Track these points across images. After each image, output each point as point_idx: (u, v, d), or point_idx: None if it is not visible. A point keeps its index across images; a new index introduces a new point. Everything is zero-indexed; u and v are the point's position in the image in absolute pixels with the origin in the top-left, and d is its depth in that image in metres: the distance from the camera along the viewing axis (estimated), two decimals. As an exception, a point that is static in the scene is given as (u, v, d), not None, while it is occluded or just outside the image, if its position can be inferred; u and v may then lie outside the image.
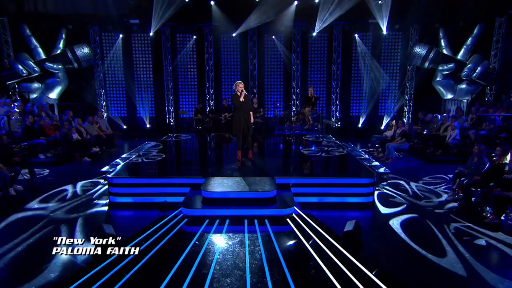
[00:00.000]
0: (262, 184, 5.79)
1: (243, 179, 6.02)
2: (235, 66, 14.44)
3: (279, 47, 14.31)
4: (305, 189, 6.18)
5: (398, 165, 9.03)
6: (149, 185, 6.18)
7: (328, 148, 8.97)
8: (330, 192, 6.18)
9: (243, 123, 6.89)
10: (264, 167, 7.08)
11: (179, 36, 14.19)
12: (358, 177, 6.25)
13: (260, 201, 5.47)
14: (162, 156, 8.15)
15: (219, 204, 5.44)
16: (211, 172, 6.60)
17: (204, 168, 7.24)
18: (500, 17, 12.04)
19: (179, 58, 14.24)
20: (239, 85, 6.79)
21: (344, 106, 14.81)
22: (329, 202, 6.16)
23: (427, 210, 5.95)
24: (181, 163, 7.66)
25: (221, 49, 14.30)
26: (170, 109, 14.47)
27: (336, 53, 14.36)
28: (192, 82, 14.49)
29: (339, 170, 6.96)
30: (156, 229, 5.00)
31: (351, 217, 5.90)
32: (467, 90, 12.27)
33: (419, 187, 7.20)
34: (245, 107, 6.83)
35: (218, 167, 7.16)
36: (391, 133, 10.58)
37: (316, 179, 6.23)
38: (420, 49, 12.68)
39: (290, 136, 11.07)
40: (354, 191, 6.18)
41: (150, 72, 14.25)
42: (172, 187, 6.17)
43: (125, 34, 13.90)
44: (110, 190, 6.28)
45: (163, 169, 7.25)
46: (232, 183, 5.84)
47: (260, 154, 8.45)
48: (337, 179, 6.24)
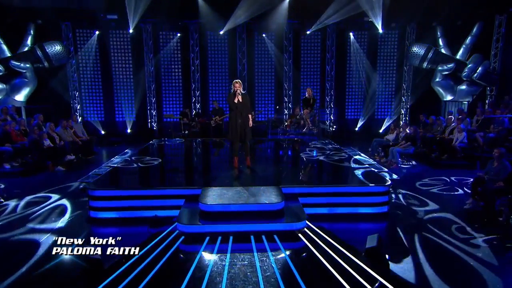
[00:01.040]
0: (267, 195, 5.36)
1: (246, 190, 5.58)
2: (223, 67, 14.05)
3: (270, 46, 14.02)
4: (313, 199, 5.82)
5: (405, 171, 8.79)
6: (136, 197, 5.66)
7: (330, 152, 8.65)
8: (341, 202, 5.84)
9: (240, 126, 6.52)
10: (266, 175, 6.66)
11: (162, 34, 13.70)
12: (371, 185, 5.93)
13: (267, 214, 5.03)
14: (151, 163, 7.61)
15: (220, 218, 4.97)
16: (208, 182, 6.12)
17: (198, 177, 6.74)
18: (500, 15, 12.15)
19: (162, 57, 13.75)
20: (235, 84, 6.46)
21: (338, 108, 14.62)
22: (340, 213, 5.82)
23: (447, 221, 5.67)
24: (172, 172, 7.12)
25: (208, 48, 13.89)
26: (153, 112, 13.90)
27: (330, 53, 14.18)
28: (177, 84, 14.02)
29: (347, 177, 6.60)
30: (149, 250, 4.47)
31: (364, 229, 5.64)
32: (467, 91, 12.28)
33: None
34: (241, 109, 6.45)
35: (214, 175, 6.68)
36: (393, 137, 10.41)
37: (326, 188, 5.87)
38: (418, 49, 12.64)
39: (284, 141, 10.72)
40: (367, 200, 5.85)
41: (130, 72, 13.67)
42: (163, 199, 5.68)
43: (101, 31, 13.26)
44: (90, 204, 5.72)
45: (152, 178, 6.71)
46: (233, 194, 5.39)
47: (258, 160, 8.03)
48: (348, 188, 5.90)
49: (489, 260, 4.41)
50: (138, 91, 13.76)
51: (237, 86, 6.40)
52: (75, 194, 6.94)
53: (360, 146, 11.60)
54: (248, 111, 6.59)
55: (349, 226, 5.64)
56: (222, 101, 13.85)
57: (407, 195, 6.90)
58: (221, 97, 14.08)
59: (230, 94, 6.51)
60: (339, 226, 5.52)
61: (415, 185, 7.58)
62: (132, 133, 13.74)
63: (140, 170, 7.10)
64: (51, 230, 5.28)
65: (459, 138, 9.13)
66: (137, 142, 12.09)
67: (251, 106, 6.81)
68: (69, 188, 7.39)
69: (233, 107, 6.44)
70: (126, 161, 7.90)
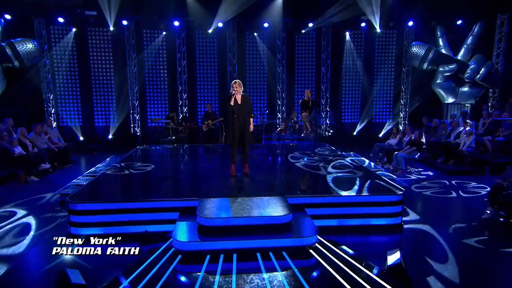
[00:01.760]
0: (272, 206, 5.07)
1: (248, 200, 5.27)
2: (212, 67, 13.79)
3: (262, 46, 13.84)
4: (321, 210, 5.56)
5: (413, 178, 8.64)
6: (124, 211, 5.28)
7: (332, 157, 8.44)
8: (352, 213, 5.59)
9: (238, 130, 6.32)
10: (267, 184, 6.38)
11: (146, 32, 13.34)
12: (384, 194, 5.71)
13: (273, 228, 4.73)
14: (139, 171, 7.22)
15: (221, 233, 4.64)
16: (204, 192, 5.79)
17: (193, 186, 6.39)
18: (501, 14, 12.28)
19: (146, 57, 13.38)
20: (234, 84, 6.30)
21: (335, 112, 14.50)
22: (351, 225, 5.57)
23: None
24: (163, 181, 6.75)
25: (195, 47, 13.62)
26: (136, 116, 13.48)
27: (325, 54, 14.09)
28: (162, 86, 13.67)
29: (355, 185, 6.37)
30: (141, 271, 4.09)
31: (377, 242, 5.44)
32: (470, 93, 12.34)
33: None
34: (240, 111, 6.28)
35: (210, 185, 6.35)
36: (396, 141, 10.31)
37: (335, 198, 5.62)
38: (418, 49, 12.64)
39: (279, 146, 10.49)
40: (380, 211, 5.63)
41: (111, 73, 13.23)
42: (155, 213, 5.32)
43: (79, 28, 12.79)
44: (71, 220, 5.31)
45: (141, 189, 6.32)
46: (235, 206, 5.07)
47: (256, 168, 7.73)
48: (359, 197, 5.66)
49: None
50: (120, 94, 13.32)
51: (236, 87, 6.25)
52: (50, 207, 6.49)
53: (360, 152, 11.44)
54: (248, 114, 6.40)
55: (360, 239, 5.42)
56: (214, 104, 13.60)
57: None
58: (209, 100, 13.81)
59: (229, 95, 6.35)
60: (350, 239, 5.28)
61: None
62: (114, 139, 13.29)
63: (127, 180, 6.74)
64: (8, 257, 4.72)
65: (467, 142, 9.06)
66: (119, 149, 11.66)
67: (252, 109, 6.56)
68: (41, 201, 6.93)
69: (230, 109, 6.26)
70: (115, 167, 7.55)
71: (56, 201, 6.72)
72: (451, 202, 7.08)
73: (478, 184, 7.94)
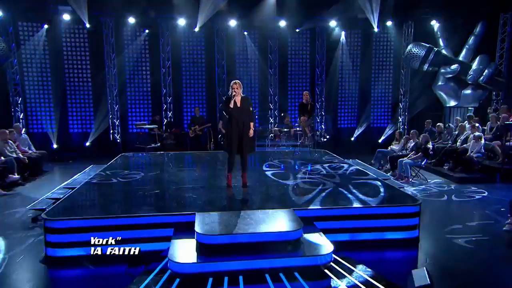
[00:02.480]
0: (280, 220, 4.80)
1: (251, 214, 4.97)
2: (200, 69, 13.58)
3: (253, 46, 13.66)
4: (332, 223, 5.31)
5: (423, 187, 8.51)
6: (110, 228, 4.88)
7: (336, 165, 8.24)
8: (365, 227, 5.36)
9: (238, 136, 6.10)
10: (269, 195, 6.10)
11: (126, 30, 13.01)
12: (399, 205, 5.52)
13: (283, 246, 4.43)
14: (133, 177, 6.82)
15: (224, 252, 4.32)
16: (201, 205, 5.47)
17: (187, 198, 6.03)
18: (504, 13, 12.43)
19: (127, 57, 13.07)
20: (233, 86, 6.07)
21: (331, 116, 14.41)
22: (364, 240, 5.34)
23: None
24: (152, 193, 6.38)
25: (181, 47, 13.38)
26: (115, 122, 13.06)
27: (320, 54, 14.01)
28: (145, 88, 13.37)
29: (366, 195, 6.14)
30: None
31: (393, 258, 5.22)
32: (473, 96, 12.38)
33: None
34: (239, 115, 6.06)
35: (206, 196, 6.03)
36: (399, 147, 10.22)
37: (346, 210, 5.38)
38: (418, 49, 12.65)
39: (271, 153, 10.25)
40: (395, 223, 5.41)
41: (88, 74, 12.86)
42: (145, 229, 4.94)
43: (52, 25, 12.31)
44: (47, 239, 4.88)
45: (130, 202, 5.92)
46: (238, 220, 4.78)
47: (253, 177, 7.43)
48: (373, 209, 5.44)
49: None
50: (98, 97, 12.93)
51: (235, 88, 6.03)
52: (21, 225, 6.03)
53: (360, 158, 11.29)
54: (248, 118, 6.17)
55: (375, 255, 5.20)
56: (201, 108, 13.36)
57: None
58: (196, 104, 13.56)
59: (227, 97, 6.13)
60: (363, 255, 5.03)
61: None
62: (91, 146, 12.87)
63: (113, 191, 6.44)
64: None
65: (476, 148, 9.00)
66: (97, 158, 11.20)
67: (252, 111, 6.33)
68: (10, 218, 6.46)
69: (230, 112, 6.03)
70: (101, 176, 7.28)
71: (29, 218, 6.27)
72: (468, 211, 6.97)
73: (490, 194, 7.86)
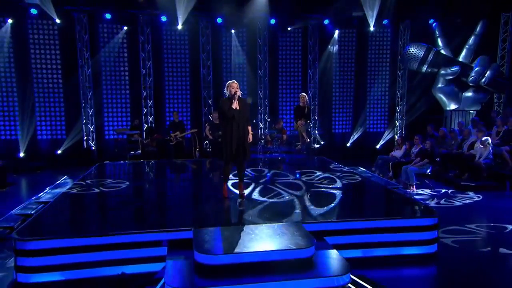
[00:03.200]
0: (288, 235, 4.53)
1: (255, 229, 4.70)
2: (183, 70, 13.36)
3: (241, 46, 13.53)
4: (342, 238, 5.09)
5: (429, 195, 8.41)
6: (94, 248, 4.53)
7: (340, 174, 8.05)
8: (379, 241, 5.17)
9: (236, 142, 5.84)
10: (271, 207, 5.83)
11: (102, 26, 12.70)
12: (416, 217, 5.37)
13: (293, 265, 4.17)
14: (116, 186, 6.48)
15: (228, 274, 4.03)
16: (197, 219, 5.19)
17: (181, 212, 5.72)
18: (506, 12, 12.61)
19: (104, 56, 12.74)
20: (232, 85, 5.83)
21: (324, 120, 14.31)
22: (378, 256, 5.14)
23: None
24: (142, 207, 6.04)
25: (163, 46, 13.14)
26: (90, 127, 12.67)
27: (313, 54, 13.92)
28: (123, 91, 13.05)
29: (378, 206, 5.97)
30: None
31: (411, 276, 5.04)
32: (474, 99, 12.47)
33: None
34: (239, 119, 5.84)
35: (202, 209, 5.74)
36: (401, 153, 10.15)
37: (359, 223, 5.17)
38: (417, 50, 12.67)
39: (263, 160, 10.08)
40: (412, 237, 5.23)
41: (59, 75, 12.43)
42: (136, 248, 4.60)
43: (17, 19, 11.82)
44: (18, 263, 4.48)
45: (115, 217, 5.57)
46: (241, 237, 4.51)
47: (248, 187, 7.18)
48: (387, 222, 5.24)
49: None
50: (70, 100, 12.54)
51: (235, 88, 5.78)
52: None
53: (357, 165, 11.19)
54: (247, 122, 6.00)
55: (390, 272, 4.99)
56: (185, 113, 13.13)
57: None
58: (180, 108, 13.31)
59: (224, 99, 5.88)
60: (378, 273, 4.84)
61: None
62: (63, 155, 12.44)
63: (95, 205, 6.12)
64: None
65: (484, 153, 8.98)
66: (69, 167, 10.84)
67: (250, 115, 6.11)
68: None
69: (229, 116, 5.77)
70: (81, 186, 6.98)
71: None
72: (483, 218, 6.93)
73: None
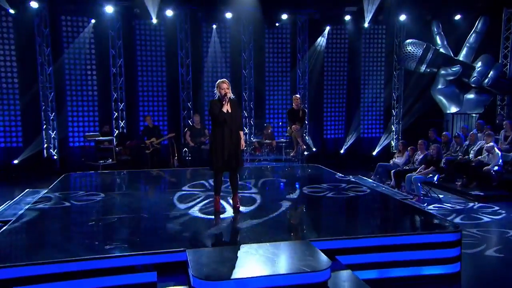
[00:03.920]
0: (298, 256, 4.30)
1: (259, 249, 4.43)
2: (159, 69, 13.17)
3: (224, 43, 13.39)
4: (356, 257, 4.88)
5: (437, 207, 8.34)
6: (68, 276, 4.17)
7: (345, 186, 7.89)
8: (396, 260, 4.99)
9: (228, 148, 5.65)
10: (272, 222, 5.58)
11: (65, 19, 12.38)
12: (436, 232, 5.20)
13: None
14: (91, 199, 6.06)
15: (232, 304, 3.74)
16: (189, 238, 4.92)
17: (169, 230, 5.37)
18: (508, 8, 12.83)
19: (67, 53, 12.44)
20: (222, 85, 5.66)
21: (315, 125, 14.24)
22: (396, 277, 4.95)
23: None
24: (122, 225, 5.67)
25: (136, 42, 12.92)
26: (51, 134, 12.34)
27: (302, 53, 13.85)
28: (90, 92, 12.75)
29: (392, 220, 5.81)
30: None
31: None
32: (476, 101, 12.61)
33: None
34: (231, 123, 5.68)
35: (194, 227, 5.44)
36: (403, 160, 10.15)
37: (374, 239, 4.98)
38: (415, 48, 12.72)
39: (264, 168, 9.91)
40: (432, 255, 5.07)
41: (14, 74, 12.11)
42: (118, 274, 4.28)
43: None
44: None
45: (92, 237, 5.16)
46: (243, 258, 4.24)
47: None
48: (405, 238, 5.07)
49: None
50: (27, 102, 12.14)
51: (225, 89, 5.58)
52: None
53: (353, 173, 11.12)
54: (239, 126, 5.84)
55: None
56: (161, 117, 12.84)
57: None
58: (156, 111, 13.06)
59: (214, 101, 5.71)
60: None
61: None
62: (20, 165, 12.02)
63: (63, 224, 5.78)
64: None
65: (493, 160, 9.01)
66: (28, 180, 10.48)
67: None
68: None
69: (220, 120, 5.60)
70: (48, 199, 6.73)
71: None
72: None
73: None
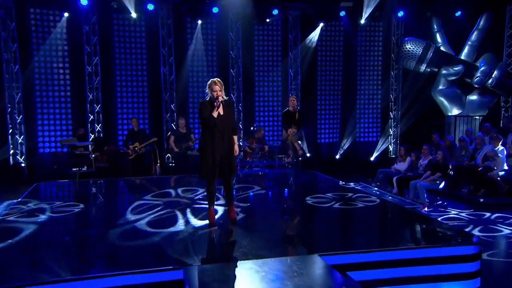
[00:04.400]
0: (308, 272, 4.08)
1: (264, 265, 4.22)
2: (139, 67, 12.87)
3: (210, 40, 13.19)
4: (368, 273, 4.70)
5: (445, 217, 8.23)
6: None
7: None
8: (412, 276, 4.82)
9: (220, 154, 5.54)
10: (271, 234, 5.43)
11: (34, 12, 11.98)
12: (454, 245, 5.07)
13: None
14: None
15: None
16: (184, 253, 4.72)
17: (161, 246, 5.10)
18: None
19: (37, 50, 12.04)
20: (214, 86, 5.50)
21: (308, 129, 14.10)
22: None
23: None
24: (107, 241, 5.39)
25: (114, 38, 12.59)
26: (18, 139, 11.99)
27: (294, 51, 13.74)
28: (63, 93, 12.37)
29: (404, 232, 5.66)
30: None
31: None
32: (479, 103, 12.64)
33: None
34: (223, 126, 5.57)
35: (187, 242, 5.24)
36: (405, 165, 10.06)
37: (387, 253, 4.80)
38: (414, 46, 12.74)
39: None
40: (450, 270, 4.90)
41: (-25, 73, 11.68)
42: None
43: None
44: None
45: (73, 254, 4.98)
46: (248, 276, 4.03)
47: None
48: (420, 251, 4.92)
49: None
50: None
51: (217, 89, 5.45)
52: None
53: (350, 180, 11.01)
54: (233, 131, 5.72)
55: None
56: (142, 120, 12.57)
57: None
58: (136, 113, 12.74)
59: (204, 102, 5.61)
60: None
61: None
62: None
63: (39, 239, 5.60)
64: None
65: (498, 166, 8.99)
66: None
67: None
68: None
69: (210, 123, 5.47)
70: (20, 210, 6.63)
71: None
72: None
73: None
